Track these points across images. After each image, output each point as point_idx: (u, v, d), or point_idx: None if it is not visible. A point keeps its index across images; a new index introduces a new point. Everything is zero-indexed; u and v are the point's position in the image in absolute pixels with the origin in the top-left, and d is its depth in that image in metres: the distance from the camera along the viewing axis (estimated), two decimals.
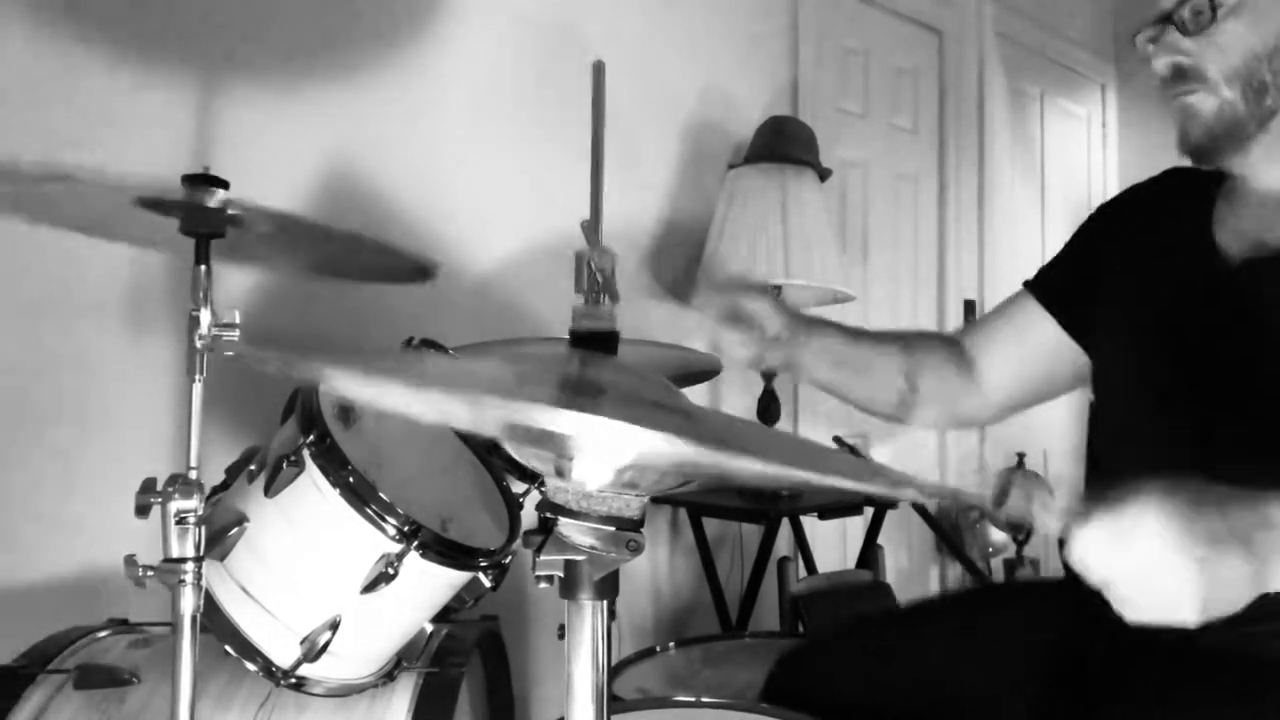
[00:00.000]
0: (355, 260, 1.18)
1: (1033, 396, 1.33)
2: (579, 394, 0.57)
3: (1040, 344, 1.27)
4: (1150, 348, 1.12)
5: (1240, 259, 1.05)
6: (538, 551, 0.60)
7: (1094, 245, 1.25)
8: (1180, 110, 1.06)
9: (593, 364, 0.65)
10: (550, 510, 0.61)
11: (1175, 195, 1.16)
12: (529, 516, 0.80)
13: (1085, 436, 1.22)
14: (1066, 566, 1.17)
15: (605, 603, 0.62)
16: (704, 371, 1.51)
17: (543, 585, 0.62)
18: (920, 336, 1.35)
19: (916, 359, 1.30)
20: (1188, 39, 1.03)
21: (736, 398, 2.56)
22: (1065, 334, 1.25)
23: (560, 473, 0.59)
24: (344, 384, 0.59)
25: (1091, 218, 1.28)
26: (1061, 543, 0.74)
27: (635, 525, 0.62)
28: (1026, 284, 1.30)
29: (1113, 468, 1.19)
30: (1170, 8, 1.04)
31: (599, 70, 0.72)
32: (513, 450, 0.64)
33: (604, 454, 0.56)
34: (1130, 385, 1.16)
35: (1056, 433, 3.82)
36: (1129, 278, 1.17)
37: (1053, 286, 1.28)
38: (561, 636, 0.64)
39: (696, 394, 2.42)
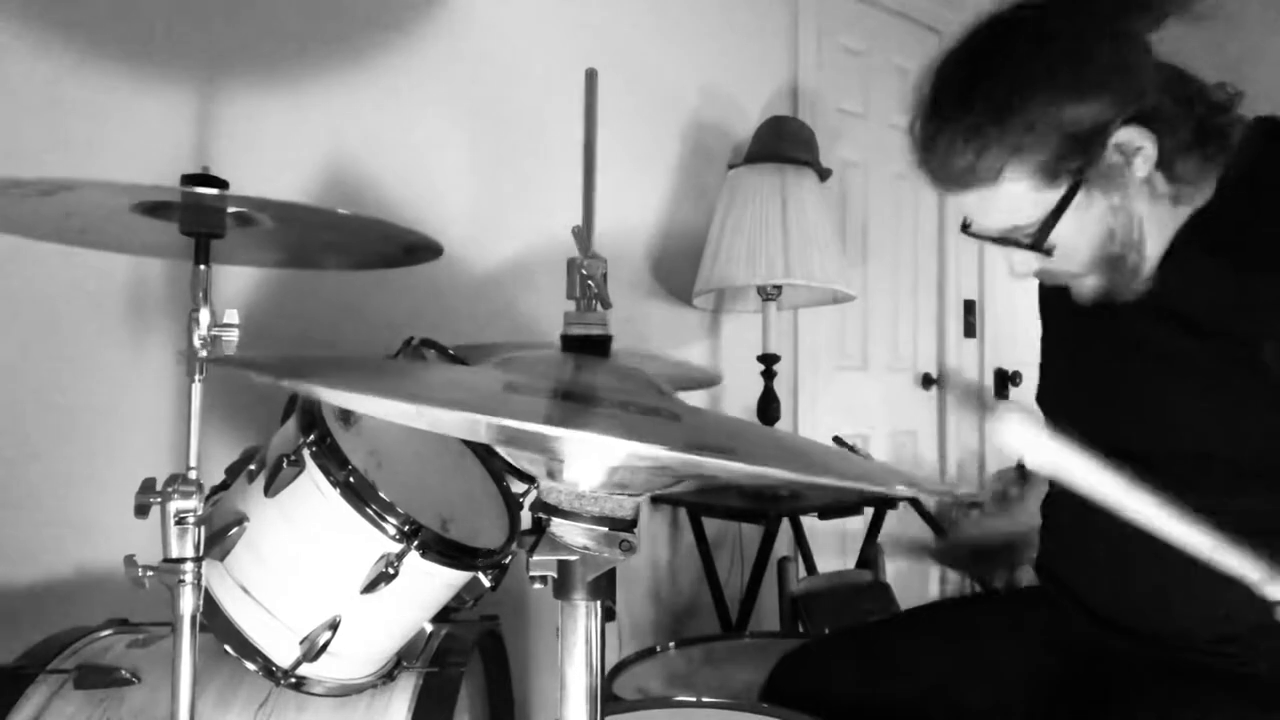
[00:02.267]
0: (356, 247, 1.19)
1: None
2: (570, 400, 0.57)
3: None
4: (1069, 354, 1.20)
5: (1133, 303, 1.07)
6: (531, 552, 0.60)
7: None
8: (1067, 283, 1.07)
9: (586, 367, 0.65)
10: (543, 510, 0.62)
11: None
12: (528, 516, 0.80)
13: None
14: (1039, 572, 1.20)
15: (599, 603, 0.62)
16: (703, 381, 1.52)
17: (537, 586, 0.62)
18: None
19: None
20: (1033, 259, 1.03)
21: (736, 398, 2.56)
22: None
23: (552, 474, 0.59)
24: (333, 397, 0.59)
25: None
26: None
27: (628, 525, 0.62)
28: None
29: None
30: (996, 237, 1.03)
31: (591, 78, 0.72)
32: (505, 453, 0.64)
33: (594, 457, 0.56)
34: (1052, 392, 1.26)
35: None
36: (1056, 325, 1.24)
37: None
38: None
39: (698, 395, 2.42)
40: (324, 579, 1.05)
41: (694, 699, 1.22)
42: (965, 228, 1.08)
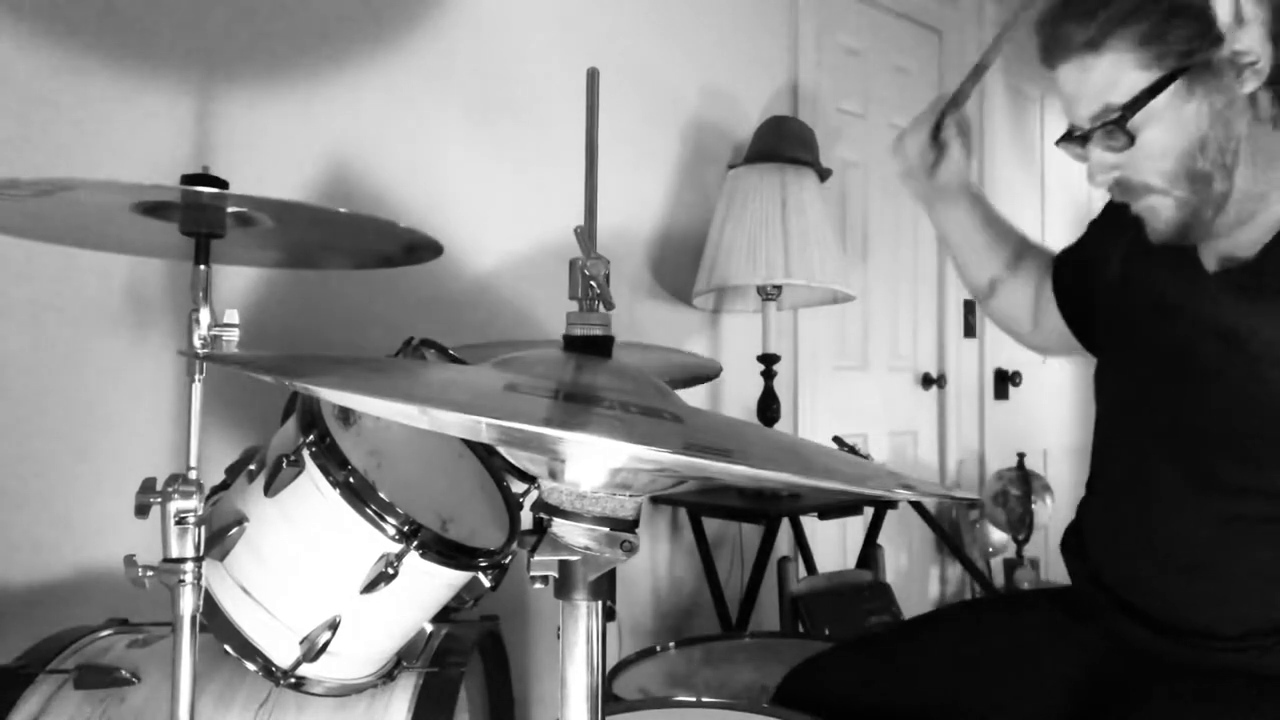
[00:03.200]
0: (356, 247, 1.19)
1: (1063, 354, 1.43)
2: (571, 401, 0.57)
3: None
4: (1132, 360, 1.16)
5: (1215, 264, 1.06)
6: (532, 552, 0.60)
7: (1098, 244, 1.27)
8: (1142, 211, 1.05)
9: (587, 368, 0.65)
10: (544, 511, 0.61)
11: None
12: (529, 516, 0.80)
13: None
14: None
15: (600, 603, 0.62)
16: (704, 375, 1.52)
17: (537, 586, 0.62)
18: (1040, 253, 1.41)
19: (1017, 266, 1.39)
20: (1113, 155, 1.02)
21: (736, 398, 2.56)
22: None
23: (554, 474, 0.59)
24: (333, 396, 0.59)
25: (1103, 213, 1.30)
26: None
27: (630, 526, 0.62)
28: (1054, 272, 1.36)
29: (1100, 468, 1.21)
30: (1085, 127, 1.03)
31: (593, 77, 0.72)
32: (506, 453, 0.64)
33: (596, 458, 0.56)
34: (1116, 394, 1.20)
35: (1056, 433, 3.83)
36: (1123, 285, 1.19)
37: (1062, 280, 1.33)
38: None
39: (698, 394, 2.42)
40: (324, 579, 1.05)
41: (694, 699, 1.22)
42: (1062, 137, 1.07)
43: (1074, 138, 1.04)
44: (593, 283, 0.66)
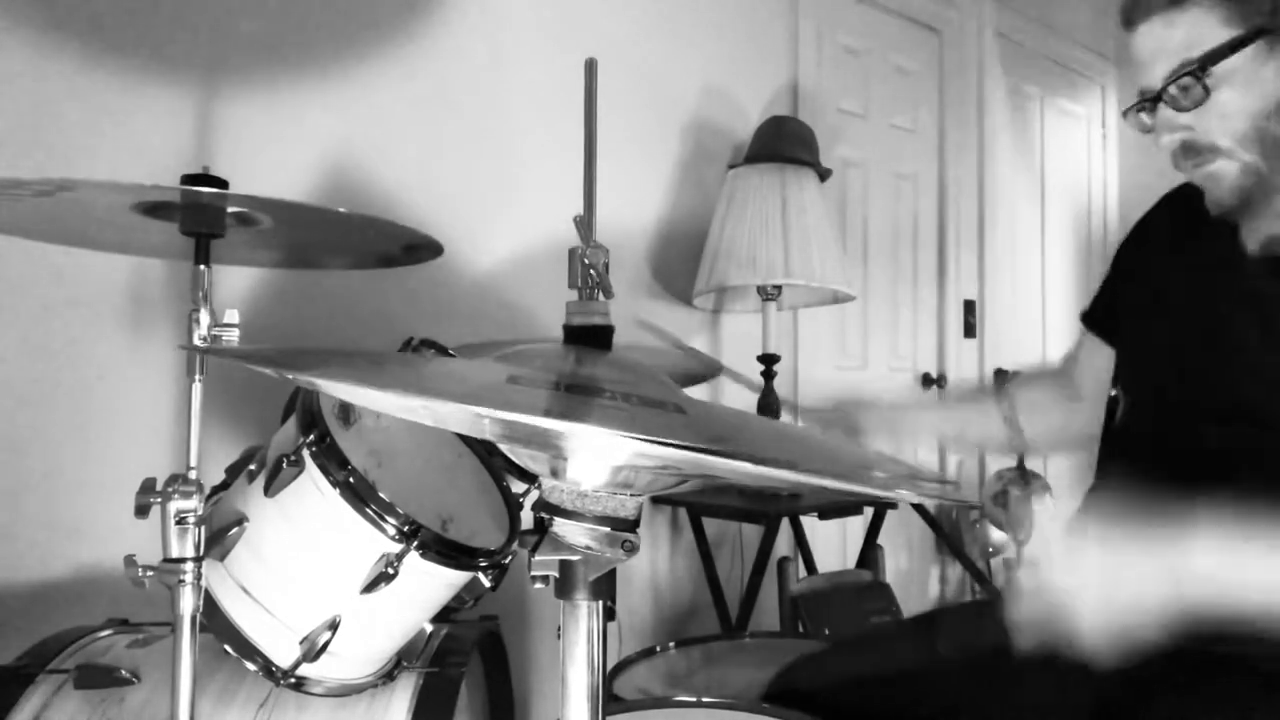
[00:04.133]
0: (356, 246, 1.19)
1: None
2: (573, 393, 0.57)
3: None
4: (1167, 355, 1.14)
5: (1259, 258, 1.05)
6: (533, 551, 0.60)
7: (1133, 265, 1.27)
8: (1204, 179, 1.04)
9: (588, 361, 0.65)
10: (545, 510, 0.61)
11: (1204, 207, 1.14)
12: (529, 516, 0.80)
13: (1102, 426, 1.24)
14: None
15: (601, 603, 0.62)
16: (703, 374, 1.52)
17: (538, 585, 0.61)
18: (1019, 378, 1.40)
19: (1013, 401, 1.35)
20: (1185, 114, 1.01)
21: (736, 398, 2.56)
22: None
23: (555, 473, 0.59)
24: (336, 390, 0.59)
25: (1130, 236, 1.30)
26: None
27: (631, 525, 0.62)
28: (1082, 318, 1.34)
29: (1108, 466, 1.20)
30: (1158, 87, 1.02)
31: (591, 68, 0.72)
32: (508, 450, 0.64)
33: (598, 454, 0.56)
34: (1155, 379, 1.18)
35: None
36: (1163, 288, 1.18)
37: (1100, 313, 1.31)
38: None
39: (697, 394, 2.42)
40: (324, 579, 1.05)
41: (694, 699, 1.22)
42: (1130, 107, 1.06)
43: (1145, 101, 1.04)
44: (592, 271, 0.66)
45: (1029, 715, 1.14)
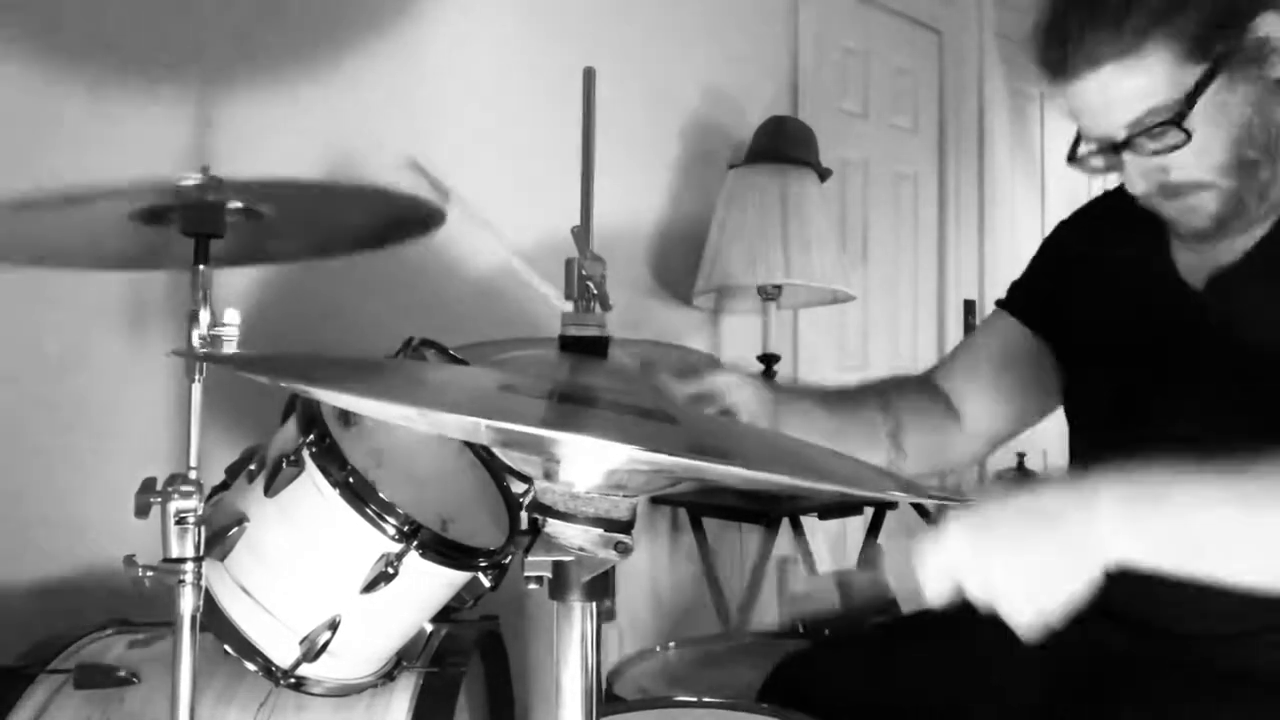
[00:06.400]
0: (354, 224, 1.19)
1: (1017, 422, 1.33)
2: (567, 402, 0.57)
3: (1019, 361, 1.27)
4: (1120, 375, 1.13)
5: (1203, 280, 1.05)
6: (526, 552, 0.60)
7: (1063, 261, 1.26)
8: (1181, 211, 1.01)
9: (583, 368, 0.65)
10: (539, 511, 0.61)
11: (1133, 211, 1.10)
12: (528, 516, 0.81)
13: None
14: None
15: (595, 605, 0.62)
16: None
17: (532, 586, 0.62)
18: (898, 387, 1.31)
19: (897, 417, 1.26)
20: (1160, 158, 0.97)
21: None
22: (1045, 347, 1.26)
23: (548, 475, 0.59)
24: (331, 398, 0.59)
25: (1057, 231, 1.29)
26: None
27: (624, 527, 0.62)
28: (999, 302, 1.31)
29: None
30: (1119, 136, 0.98)
31: (589, 77, 0.73)
32: (501, 454, 0.64)
33: (590, 459, 0.56)
34: (1103, 412, 1.17)
35: (1057, 433, 3.82)
36: (1099, 297, 1.17)
37: (1028, 302, 1.28)
38: None
39: None
40: (324, 579, 1.05)
41: (694, 699, 1.22)
42: (1072, 156, 1.03)
43: (1103, 150, 1.00)
44: (589, 283, 0.66)
45: (1023, 713, 1.14)
